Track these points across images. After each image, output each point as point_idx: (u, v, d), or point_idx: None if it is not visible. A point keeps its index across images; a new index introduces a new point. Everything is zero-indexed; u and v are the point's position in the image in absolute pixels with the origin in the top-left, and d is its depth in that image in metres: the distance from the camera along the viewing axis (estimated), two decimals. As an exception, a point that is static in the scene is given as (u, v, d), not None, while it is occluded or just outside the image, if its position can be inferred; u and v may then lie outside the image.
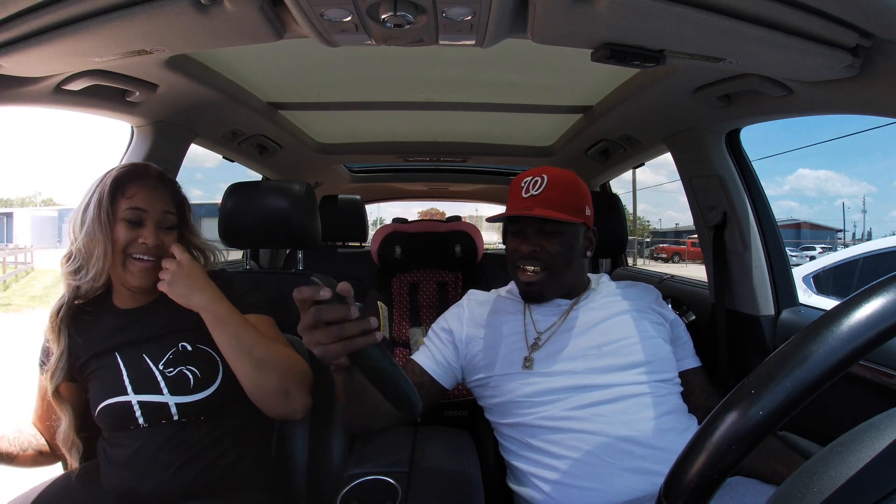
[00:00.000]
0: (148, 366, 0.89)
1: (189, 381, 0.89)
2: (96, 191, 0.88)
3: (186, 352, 0.91)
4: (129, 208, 0.89)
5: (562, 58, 1.08)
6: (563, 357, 0.95)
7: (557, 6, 0.65)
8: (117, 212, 0.88)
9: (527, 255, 0.98)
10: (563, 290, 1.03)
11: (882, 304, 0.31)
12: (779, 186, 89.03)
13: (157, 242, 0.90)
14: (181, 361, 0.90)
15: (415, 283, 2.25)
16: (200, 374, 0.90)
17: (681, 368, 1.00)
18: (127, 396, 0.87)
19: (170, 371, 0.89)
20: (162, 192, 0.93)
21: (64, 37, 0.74)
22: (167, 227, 0.93)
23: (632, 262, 5.65)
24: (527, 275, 0.99)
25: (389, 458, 0.87)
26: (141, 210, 0.90)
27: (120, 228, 0.88)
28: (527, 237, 0.99)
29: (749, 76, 0.92)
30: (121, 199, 0.89)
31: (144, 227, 0.90)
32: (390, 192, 3.27)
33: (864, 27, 0.66)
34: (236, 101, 1.31)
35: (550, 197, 0.96)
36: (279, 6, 0.70)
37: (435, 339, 1.06)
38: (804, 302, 1.26)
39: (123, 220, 0.88)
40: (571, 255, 1.00)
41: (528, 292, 1.02)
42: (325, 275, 1.18)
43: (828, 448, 0.33)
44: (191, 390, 0.89)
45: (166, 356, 0.90)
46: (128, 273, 0.90)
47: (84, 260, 0.88)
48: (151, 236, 0.90)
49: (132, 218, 0.89)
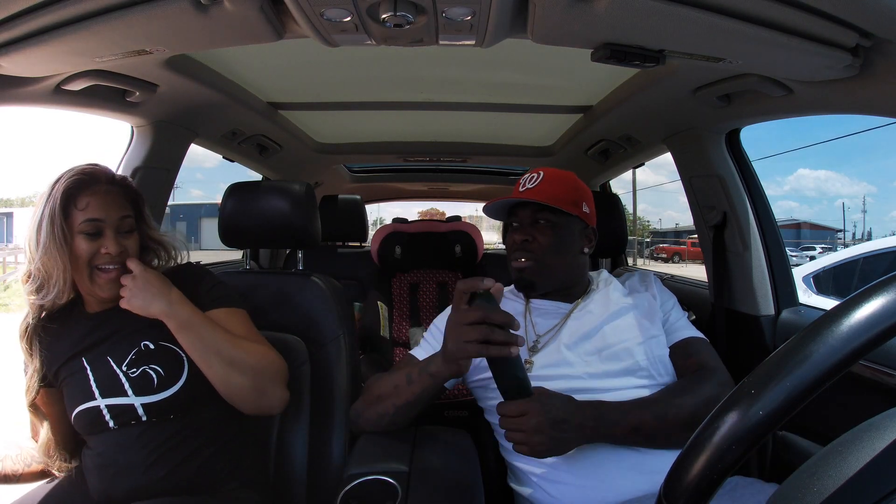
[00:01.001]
0: (112, 368, 0.88)
1: (153, 380, 0.87)
2: (47, 206, 0.84)
3: (149, 350, 0.89)
4: (84, 221, 0.85)
5: (562, 58, 1.08)
6: (562, 362, 0.94)
7: (557, 6, 0.65)
8: (73, 225, 0.85)
9: (519, 244, 1.01)
10: (556, 284, 1.03)
11: (882, 304, 0.31)
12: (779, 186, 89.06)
13: (119, 249, 0.88)
14: (144, 361, 0.88)
15: (415, 283, 2.25)
16: (164, 373, 0.87)
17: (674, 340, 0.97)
18: (95, 401, 0.86)
19: (133, 372, 0.87)
20: (115, 195, 0.90)
21: (64, 37, 0.74)
22: (126, 231, 0.90)
23: (632, 263, 5.65)
24: (518, 263, 1.01)
25: (389, 458, 0.87)
26: (98, 221, 0.86)
27: (79, 242, 0.85)
28: (520, 228, 1.02)
29: (749, 76, 0.92)
30: (74, 212, 0.85)
31: (104, 236, 0.87)
32: (390, 192, 3.27)
33: (864, 27, 0.66)
34: (236, 101, 1.31)
35: (545, 189, 0.99)
36: (279, 6, 0.70)
37: (439, 337, 1.06)
38: (804, 302, 1.26)
39: (81, 234, 0.85)
40: (562, 248, 1.01)
41: (518, 279, 1.03)
42: (325, 275, 1.18)
43: (828, 448, 0.33)
44: (154, 389, 0.86)
45: (129, 356, 0.88)
46: (96, 286, 0.88)
47: (44, 279, 0.85)
48: (113, 245, 0.87)
49: (89, 230, 0.86)
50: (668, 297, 1.05)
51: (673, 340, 0.98)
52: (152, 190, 1.32)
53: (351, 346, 1.10)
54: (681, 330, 1.00)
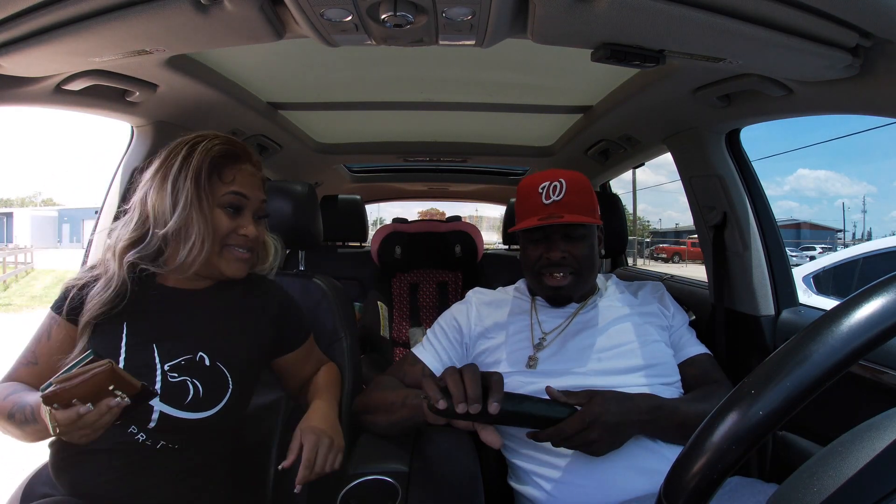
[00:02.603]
0: (153, 358, 0.79)
1: (188, 395, 0.78)
2: (185, 166, 0.78)
3: (203, 365, 0.80)
4: (229, 193, 0.81)
5: (562, 58, 1.08)
6: (567, 358, 0.95)
7: (557, 6, 0.65)
8: (215, 195, 0.80)
9: (556, 261, 0.98)
10: (585, 291, 1.04)
11: (882, 304, 0.31)
12: (779, 186, 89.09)
13: (256, 234, 0.83)
14: (191, 372, 0.79)
15: (415, 283, 2.25)
16: (203, 394, 0.79)
17: (685, 357, 1.00)
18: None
19: (173, 376, 0.78)
20: (259, 178, 0.86)
21: (64, 37, 0.74)
22: (260, 217, 0.86)
23: (632, 263, 5.65)
24: (556, 279, 0.99)
25: (389, 458, 0.87)
26: (243, 196, 0.82)
27: (219, 216, 0.80)
28: (553, 243, 0.99)
29: (749, 76, 0.92)
30: (217, 183, 0.81)
31: (243, 215, 0.82)
32: (390, 192, 3.27)
33: (864, 27, 0.66)
34: (236, 101, 1.31)
35: (573, 201, 0.97)
36: (279, 6, 0.70)
37: (442, 337, 1.06)
38: (804, 302, 1.26)
39: (222, 207, 0.81)
40: (595, 257, 1.02)
41: (556, 297, 1.02)
42: (325, 275, 1.18)
43: (828, 448, 0.33)
44: (185, 406, 0.77)
45: (179, 359, 0.79)
46: (222, 261, 0.82)
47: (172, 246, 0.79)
48: (252, 227, 0.82)
49: (234, 203, 0.81)
50: (681, 314, 1.06)
51: (682, 357, 1.00)
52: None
53: (352, 347, 1.10)
54: (689, 346, 1.02)
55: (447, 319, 1.08)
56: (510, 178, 2.69)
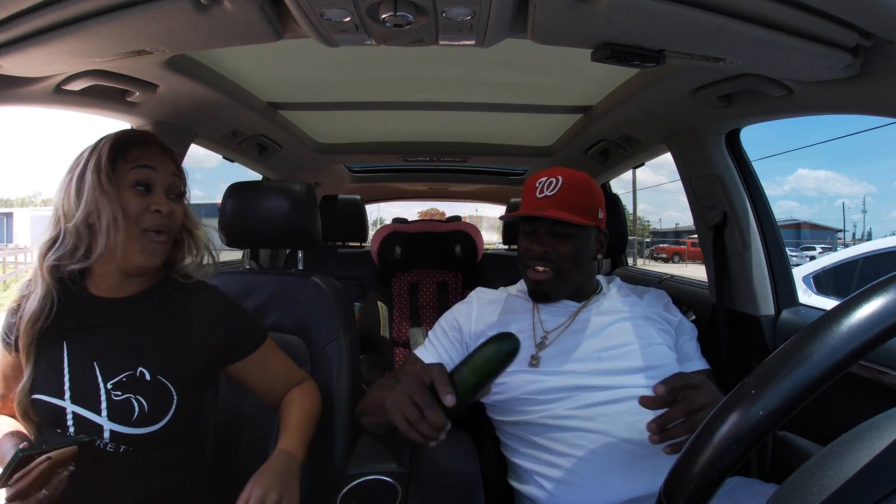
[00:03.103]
0: (95, 378, 0.78)
1: (134, 412, 0.77)
2: (90, 160, 0.77)
3: (143, 380, 0.79)
4: (135, 168, 0.78)
5: (562, 58, 1.08)
6: (569, 357, 0.95)
7: (557, 6, 0.65)
8: (119, 177, 0.77)
9: (537, 255, 0.99)
10: (570, 291, 1.03)
11: (882, 304, 0.31)
12: (779, 186, 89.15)
13: (169, 210, 0.80)
14: (133, 389, 0.78)
15: (415, 283, 2.25)
16: (148, 409, 0.78)
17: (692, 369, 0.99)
18: (63, 402, 0.77)
19: (117, 395, 0.77)
20: (167, 157, 0.83)
21: (64, 37, 0.74)
22: (176, 195, 0.83)
23: (632, 262, 5.65)
24: (537, 273, 1.00)
25: (389, 458, 0.87)
26: (150, 168, 0.79)
27: (127, 197, 0.77)
28: (538, 238, 1.00)
29: (749, 76, 0.92)
30: (123, 164, 0.78)
31: (154, 192, 0.79)
32: (390, 192, 3.27)
33: (864, 27, 0.66)
34: (236, 101, 1.31)
35: (564, 198, 0.97)
36: (279, 6, 0.70)
37: (442, 337, 1.06)
38: (804, 302, 1.26)
39: (129, 186, 0.78)
40: (581, 257, 1.00)
41: (535, 291, 1.03)
42: (325, 275, 1.18)
43: (828, 448, 0.33)
44: (132, 423, 0.77)
45: (120, 377, 0.78)
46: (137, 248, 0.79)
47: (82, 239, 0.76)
48: (164, 202, 0.79)
49: (140, 179, 0.78)
50: (688, 324, 1.06)
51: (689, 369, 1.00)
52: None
53: (351, 347, 1.10)
54: (695, 360, 1.02)
55: (448, 319, 1.08)
56: (510, 178, 2.69)
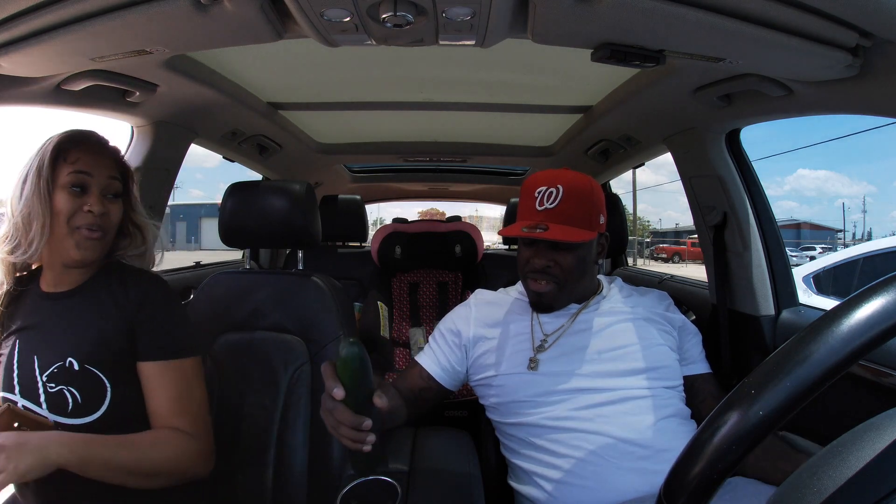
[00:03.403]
0: (34, 370, 0.79)
1: (68, 403, 0.78)
2: (36, 159, 0.80)
3: (72, 370, 0.79)
4: (72, 172, 0.81)
5: (562, 58, 1.08)
6: (569, 359, 0.95)
7: (557, 6, 0.65)
8: (58, 178, 0.81)
9: (539, 269, 0.96)
10: (572, 299, 1.02)
11: (882, 304, 0.31)
12: (779, 186, 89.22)
13: (102, 210, 0.82)
14: (64, 379, 0.79)
15: (415, 283, 2.25)
16: (81, 400, 0.78)
17: (688, 372, 1.00)
18: (15, 397, 0.79)
19: (51, 386, 0.78)
20: (107, 158, 0.85)
21: (64, 37, 0.74)
22: (112, 195, 0.85)
23: (632, 262, 5.65)
24: (538, 285, 0.98)
25: (389, 458, 0.87)
26: (85, 174, 0.81)
27: (62, 197, 0.80)
28: (540, 251, 0.96)
29: (749, 76, 0.92)
30: (63, 166, 0.81)
31: (89, 193, 0.82)
32: (390, 192, 3.27)
33: (864, 27, 0.66)
34: (236, 101, 1.31)
35: (566, 211, 0.93)
36: (279, 6, 0.70)
37: (441, 341, 1.06)
38: (804, 302, 1.26)
39: (66, 188, 0.81)
40: (583, 267, 0.98)
41: (538, 303, 1.01)
42: (325, 275, 1.18)
43: (828, 448, 0.33)
44: (69, 414, 0.78)
45: (51, 368, 0.79)
46: (71, 244, 0.81)
47: (22, 234, 0.80)
48: (97, 203, 0.81)
49: (76, 182, 0.81)
50: (693, 328, 1.05)
51: (692, 372, 1.00)
52: (152, 190, 1.32)
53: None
54: (699, 363, 1.02)
55: (446, 324, 1.08)
56: (510, 178, 2.69)
